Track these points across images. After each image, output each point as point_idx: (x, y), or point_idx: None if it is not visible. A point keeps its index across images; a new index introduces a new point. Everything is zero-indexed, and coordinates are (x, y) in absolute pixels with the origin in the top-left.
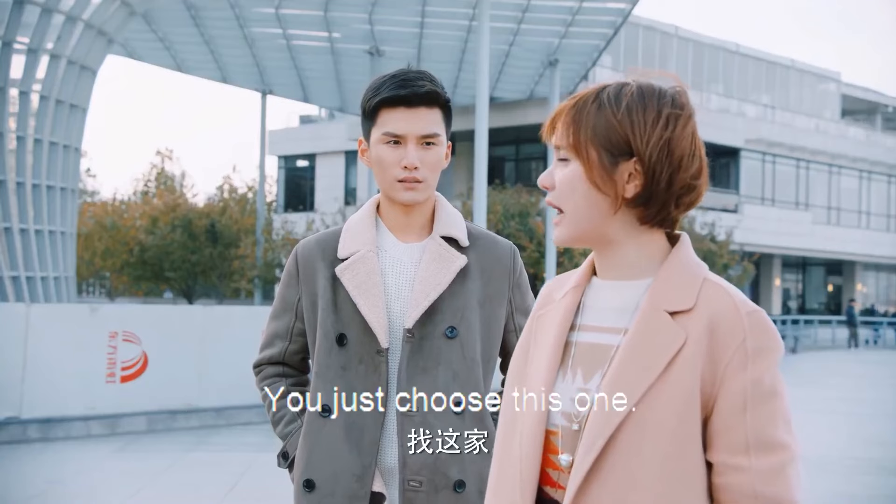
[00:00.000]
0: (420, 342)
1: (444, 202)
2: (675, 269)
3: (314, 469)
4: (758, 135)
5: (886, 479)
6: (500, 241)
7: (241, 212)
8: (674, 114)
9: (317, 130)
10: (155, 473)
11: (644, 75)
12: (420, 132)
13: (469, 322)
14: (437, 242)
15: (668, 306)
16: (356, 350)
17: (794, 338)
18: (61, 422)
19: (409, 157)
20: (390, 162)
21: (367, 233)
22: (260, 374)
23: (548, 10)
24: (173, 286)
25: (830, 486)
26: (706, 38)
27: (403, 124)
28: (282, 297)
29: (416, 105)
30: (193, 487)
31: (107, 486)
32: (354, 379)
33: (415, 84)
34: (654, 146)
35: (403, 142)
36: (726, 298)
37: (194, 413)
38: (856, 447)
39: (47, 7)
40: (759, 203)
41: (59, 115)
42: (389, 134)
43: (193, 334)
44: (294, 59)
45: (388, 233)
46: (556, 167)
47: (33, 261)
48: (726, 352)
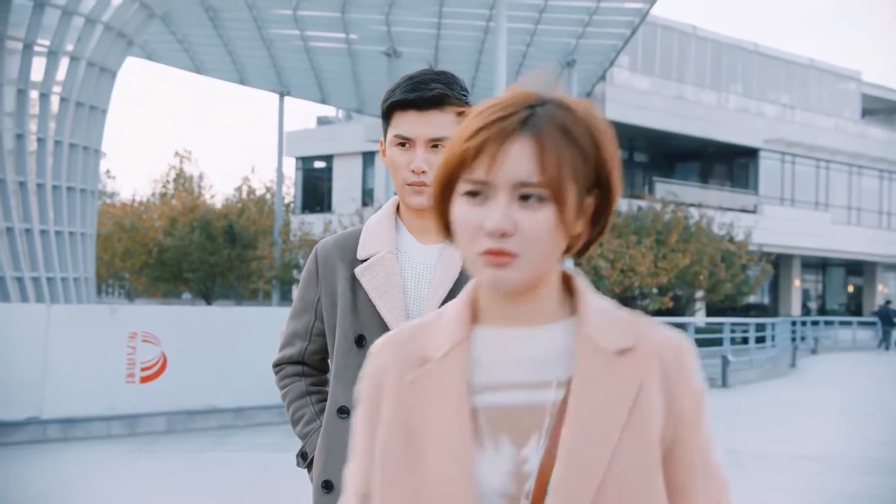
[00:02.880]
0: None
1: None
2: (595, 303)
3: (333, 470)
4: (777, 135)
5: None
6: None
7: (258, 213)
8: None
9: (334, 131)
10: (173, 473)
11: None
12: (429, 135)
13: None
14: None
15: (610, 346)
16: None
17: (814, 339)
18: (81, 422)
19: (416, 160)
20: (400, 164)
21: (387, 234)
22: (279, 373)
23: (565, 11)
24: (192, 287)
25: (837, 486)
26: (725, 37)
27: (412, 127)
28: (301, 297)
29: (427, 108)
30: (212, 487)
31: (125, 486)
32: None
33: (425, 87)
34: (616, 173)
35: (412, 144)
36: (664, 332)
37: (213, 413)
38: (867, 447)
39: (67, 9)
40: (779, 203)
41: (79, 116)
42: (399, 136)
43: (212, 335)
44: (311, 61)
45: (407, 234)
46: (516, 208)
47: (53, 262)
48: (680, 390)
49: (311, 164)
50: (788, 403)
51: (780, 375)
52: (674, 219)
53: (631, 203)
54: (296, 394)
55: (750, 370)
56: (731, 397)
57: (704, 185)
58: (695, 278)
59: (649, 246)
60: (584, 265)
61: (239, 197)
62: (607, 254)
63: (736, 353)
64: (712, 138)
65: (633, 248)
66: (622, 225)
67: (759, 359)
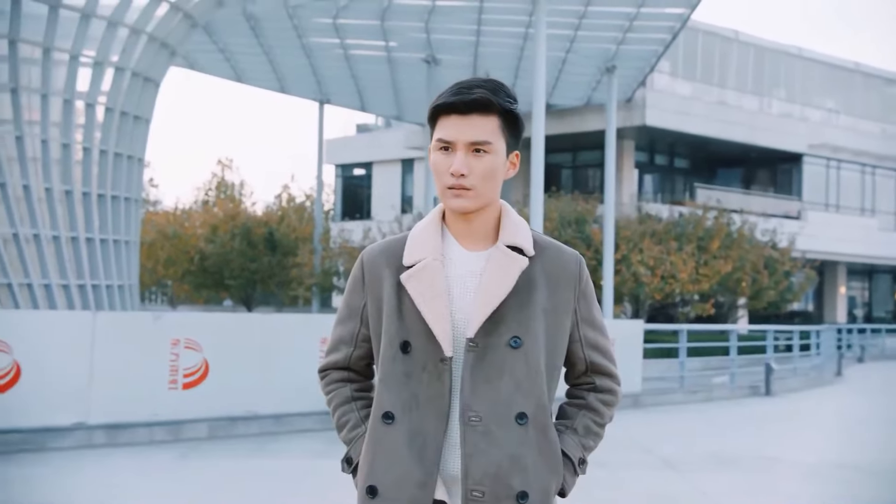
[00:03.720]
0: (484, 352)
1: (510, 211)
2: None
3: (377, 475)
4: (821, 139)
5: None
6: (567, 250)
7: (298, 220)
8: None
9: (374, 139)
10: (216, 480)
11: None
12: (469, 139)
13: (534, 332)
14: (501, 251)
15: None
16: (420, 358)
17: (860, 347)
18: (126, 428)
19: (455, 163)
20: (441, 168)
21: (433, 240)
22: (325, 378)
23: (605, 17)
24: (233, 294)
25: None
26: (767, 42)
27: (453, 131)
28: (347, 304)
29: (468, 112)
30: (254, 494)
31: (170, 492)
32: (417, 386)
33: (468, 91)
34: None
35: (453, 148)
36: None
37: (254, 420)
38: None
39: (113, 21)
40: (823, 209)
41: (123, 126)
42: (441, 140)
43: (253, 342)
44: (351, 69)
45: (453, 241)
46: None
47: (98, 269)
48: None
49: (351, 171)
50: (833, 412)
51: (825, 384)
52: (715, 225)
53: (672, 209)
54: (341, 399)
55: (794, 378)
56: (775, 405)
57: (747, 190)
58: (737, 285)
59: (690, 252)
60: (624, 271)
61: (279, 204)
62: (647, 260)
63: (780, 361)
64: (755, 144)
65: (674, 254)
66: (663, 231)
67: (803, 367)
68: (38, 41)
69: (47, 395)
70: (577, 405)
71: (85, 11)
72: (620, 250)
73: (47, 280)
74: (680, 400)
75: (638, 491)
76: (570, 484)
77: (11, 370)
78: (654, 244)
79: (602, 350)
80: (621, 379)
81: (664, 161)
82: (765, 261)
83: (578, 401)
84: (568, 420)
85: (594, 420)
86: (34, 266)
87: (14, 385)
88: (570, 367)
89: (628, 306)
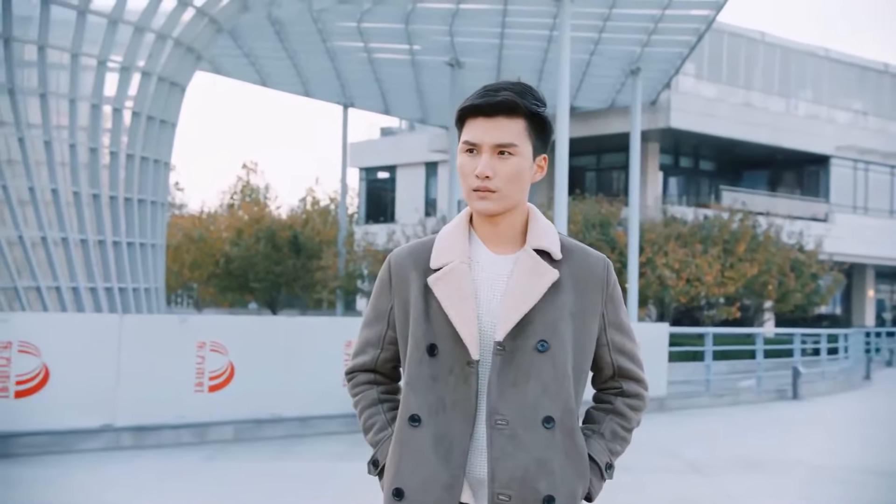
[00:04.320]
0: (511, 355)
1: (538, 214)
2: None
3: (404, 477)
4: (849, 141)
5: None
6: (594, 254)
7: (323, 223)
8: None
9: (397, 142)
10: (242, 482)
11: None
12: (494, 141)
13: (561, 335)
14: (529, 255)
15: None
16: (447, 361)
17: (889, 350)
18: (152, 430)
19: (480, 166)
20: (467, 170)
21: (460, 244)
22: (352, 380)
23: (630, 19)
24: (258, 297)
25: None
26: (794, 43)
27: (479, 133)
28: (374, 306)
29: (494, 114)
30: (279, 496)
31: (196, 494)
32: (444, 389)
33: (494, 93)
34: None
35: (479, 150)
36: None
37: (279, 422)
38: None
39: (139, 26)
40: (851, 211)
41: (149, 130)
42: (467, 143)
43: (278, 345)
44: (375, 72)
45: (480, 244)
46: None
47: (125, 272)
48: None
49: (375, 174)
50: (861, 416)
51: (853, 388)
52: (741, 227)
53: (697, 212)
54: (368, 402)
55: (822, 382)
56: (802, 409)
57: (773, 193)
58: (763, 288)
59: (716, 255)
60: (649, 274)
61: (303, 208)
62: (672, 263)
63: (807, 365)
64: (781, 146)
65: (699, 257)
66: (688, 234)
67: (831, 371)
68: (66, 47)
69: (75, 397)
70: (605, 409)
71: (112, 17)
72: (645, 253)
73: (75, 283)
74: (706, 403)
75: (663, 495)
76: (597, 489)
77: (40, 373)
78: (679, 247)
79: (630, 354)
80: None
81: (689, 163)
82: (791, 263)
83: (605, 405)
84: (595, 424)
85: (621, 425)
86: (62, 269)
87: (42, 387)
88: (598, 372)
89: (653, 309)
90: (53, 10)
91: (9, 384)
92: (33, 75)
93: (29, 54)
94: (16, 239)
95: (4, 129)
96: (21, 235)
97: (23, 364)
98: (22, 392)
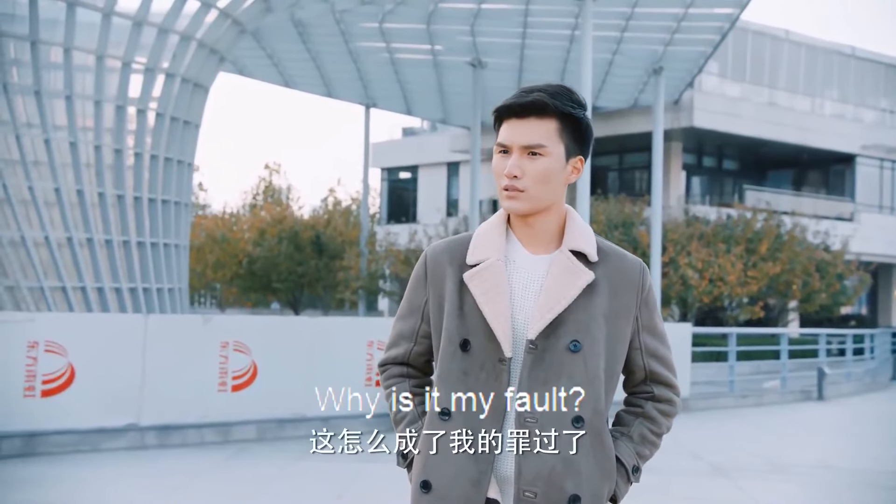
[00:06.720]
0: (542, 354)
1: (575, 216)
2: None
3: (432, 471)
4: (875, 140)
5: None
6: (630, 257)
7: (345, 224)
8: None
9: (419, 142)
10: (266, 481)
11: None
12: (523, 141)
13: (593, 336)
14: (565, 256)
15: None
16: (479, 357)
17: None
18: (177, 429)
19: (508, 166)
20: (498, 170)
21: (497, 241)
22: (384, 373)
23: (652, 18)
24: (280, 297)
25: None
26: (819, 41)
27: (510, 133)
28: (409, 300)
29: (526, 115)
30: (303, 495)
31: (219, 493)
32: (475, 385)
33: (526, 94)
34: None
35: (510, 151)
36: None
37: (302, 422)
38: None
39: (163, 28)
40: (877, 211)
41: (173, 131)
42: (500, 143)
43: (301, 344)
44: (397, 73)
45: (517, 243)
46: None
47: (150, 273)
48: None
49: (397, 174)
50: (888, 417)
51: (880, 389)
52: (765, 227)
53: (720, 211)
54: (399, 394)
55: (847, 383)
56: (827, 410)
57: (798, 192)
58: (787, 288)
59: (739, 255)
60: (672, 274)
61: (325, 208)
62: (695, 263)
63: (832, 366)
64: (806, 145)
65: (723, 256)
66: (711, 234)
67: (857, 371)
68: (91, 49)
69: (100, 396)
70: (635, 413)
71: (137, 19)
72: (668, 253)
73: (100, 283)
74: (730, 404)
75: (687, 497)
76: (623, 491)
77: (66, 372)
78: (702, 247)
79: (662, 359)
80: None
81: (712, 163)
82: (816, 263)
83: (636, 409)
84: (624, 427)
85: (650, 429)
86: (88, 270)
87: (68, 387)
88: (629, 375)
89: (676, 309)
90: (79, 12)
91: (35, 383)
92: (59, 77)
93: (55, 56)
94: (42, 240)
95: (31, 131)
96: (47, 236)
97: (49, 364)
98: (48, 391)
